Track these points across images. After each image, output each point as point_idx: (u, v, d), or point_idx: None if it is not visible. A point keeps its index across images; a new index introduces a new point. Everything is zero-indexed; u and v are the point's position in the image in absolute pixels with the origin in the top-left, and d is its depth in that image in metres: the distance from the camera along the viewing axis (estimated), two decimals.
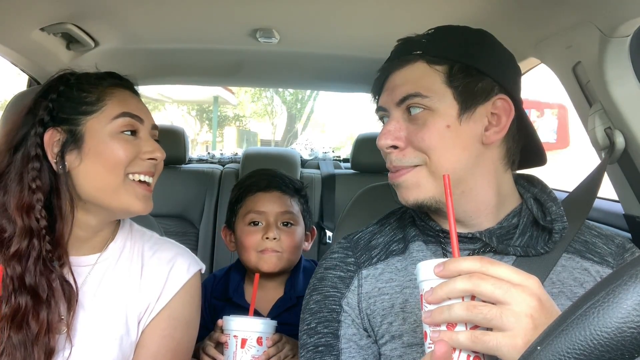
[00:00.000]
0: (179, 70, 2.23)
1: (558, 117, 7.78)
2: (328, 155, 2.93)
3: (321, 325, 0.90)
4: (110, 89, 1.01)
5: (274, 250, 1.38)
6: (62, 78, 1.02)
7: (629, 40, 1.03)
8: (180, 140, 2.38)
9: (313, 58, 1.95)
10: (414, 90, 0.84)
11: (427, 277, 0.64)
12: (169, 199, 2.32)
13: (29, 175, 0.93)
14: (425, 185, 0.85)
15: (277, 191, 1.44)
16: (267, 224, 1.40)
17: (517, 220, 0.89)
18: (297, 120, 16.65)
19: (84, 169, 0.96)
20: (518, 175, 0.96)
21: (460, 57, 0.85)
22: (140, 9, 1.48)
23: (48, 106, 0.97)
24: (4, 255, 0.91)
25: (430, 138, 0.83)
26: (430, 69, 0.85)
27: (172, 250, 1.08)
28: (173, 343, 1.03)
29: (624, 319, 0.41)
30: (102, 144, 0.96)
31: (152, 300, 1.02)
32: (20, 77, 1.99)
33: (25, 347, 0.87)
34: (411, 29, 0.94)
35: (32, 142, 0.95)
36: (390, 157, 0.87)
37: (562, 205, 0.88)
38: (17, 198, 0.92)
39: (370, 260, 0.93)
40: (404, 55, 0.89)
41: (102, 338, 0.96)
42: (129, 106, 1.00)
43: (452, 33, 0.90)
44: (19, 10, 1.32)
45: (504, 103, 0.85)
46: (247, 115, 17.34)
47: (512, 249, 0.85)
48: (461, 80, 0.84)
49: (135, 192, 0.98)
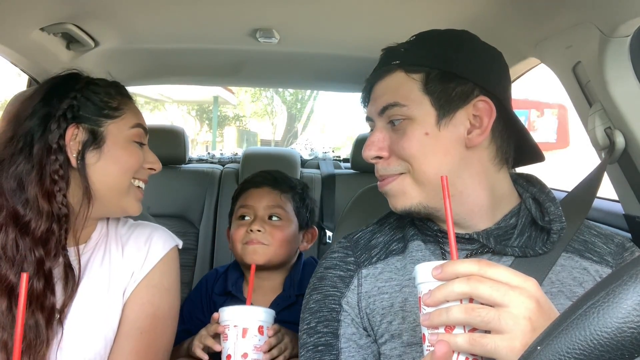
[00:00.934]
0: (179, 70, 2.23)
1: (558, 117, 7.79)
2: (328, 155, 2.93)
3: (321, 324, 0.90)
4: (126, 100, 1.11)
5: (259, 242, 1.38)
6: (78, 77, 1.08)
7: (629, 40, 1.03)
8: (180, 140, 2.38)
9: (313, 58, 1.95)
10: (392, 100, 0.87)
11: (425, 279, 0.64)
12: (169, 199, 2.32)
13: (51, 167, 0.98)
14: (410, 193, 0.87)
15: (268, 187, 1.47)
16: (254, 217, 1.42)
17: (516, 221, 0.89)
18: (297, 120, 16.65)
19: (100, 167, 1.02)
20: (517, 174, 0.96)
21: (436, 64, 0.87)
22: (140, 9, 1.48)
23: (72, 103, 1.02)
24: (31, 239, 0.96)
25: (410, 147, 0.85)
26: (408, 78, 0.87)
27: (147, 228, 1.14)
28: (152, 308, 1.06)
29: (624, 319, 0.41)
30: (120, 148, 1.04)
31: (136, 270, 1.07)
32: (20, 77, 1.99)
33: (39, 328, 0.92)
34: (411, 28, 0.94)
35: (54, 135, 0.99)
36: (376, 167, 0.91)
37: (561, 205, 0.88)
38: (40, 186, 0.97)
39: (370, 260, 0.93)
40: (384, 66, 0.91)
41: (91, 319, 1.01)
42: (141, 119, 1.11)
43: (431, 39, 0.91)
44: (19, 10, 1.32)
45: (484, 105, 0.86)
46: (247, 115, 17.34)
47: (510, 249, 0.85)
48: (438, 87, 0.85)
49: (136, 196, 1.08)
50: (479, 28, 0.93)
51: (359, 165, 2.43)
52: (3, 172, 0.98)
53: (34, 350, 0.91)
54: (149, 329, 1.05)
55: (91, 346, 0.99)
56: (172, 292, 1.12)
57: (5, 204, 0.97)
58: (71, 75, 1.09)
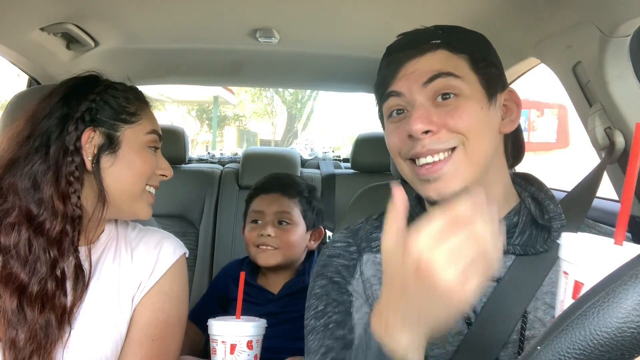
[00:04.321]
0: (179, 70, 2.23)
1: (558, 117, 7.78)
2: (328, 155, 2.93)
3: (330, 306, 0.90)
4: (144, 106, 1.11)
5: (270, 245, 1.52)
6: (97, 80, 1.08)
7: (629, 40, 1.03)
8: (180, 140, 2.38)
9: (313, 58, 1.95)
10: (445, 69, 0.83)
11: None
12: (169, 199, 2.31)
13: (67, 168, 0.98)
14: (462, 173, 0.83)
15: (277, 193, 1.59)
16: (265, 222, 1.55)
17: (517, 219, 0.89)
18: (297, 120, 16.65)
19: (114, 171, 1.03)
20: (515, 174, 0.97)
21: (478, 48, 0.87)
22: (140, 9, 1.48)
23: (91, 106, 1.02)
24: (45, 240, 0.95)
25: (470, 118, 0.82)
26: (454, 56, 0.85)
27: (157, 235, 1.15)
28: (163, 315, 1.07)
29: (624, 319, 0.41)
30: (135, 154, 1.05)
31: (144, 279, 1.07)
32: (20, 77, 1.99)
33: (51, 327, 0.93)
34: (411, 28, 0.94)
35: (72, 136, 0.99)
36: (422, 142, 0.83)
37: (561, 204, 0.88)
38: (55, 187, 0.97)
39: (370, 249, 0.94)
40: (421, 45, 0.87)
41: (99, 321, 1.00)
42: (156, 125, 1.12)
43: (461, 29, 0.92)
44: (19, 10, 1.32)
45: (514, 95, 0.88)
46: (247, 115, 17.34)
47: (512, 247, 0.85)
48: (484, 69, 0.85)
49: (148, 201, 1.10)
50: (479, 28, 0.92)
51: (359, 165, 2.43)
52: (18, 171, 0.98)
53: (43, 350, 0.91)
54: (160, 337, 1.05)
55: (98, 347, 0.98)
56: (181, 299, 1.12)
57: (18, 203, 0.96)
58: (91, 77, 1.09)
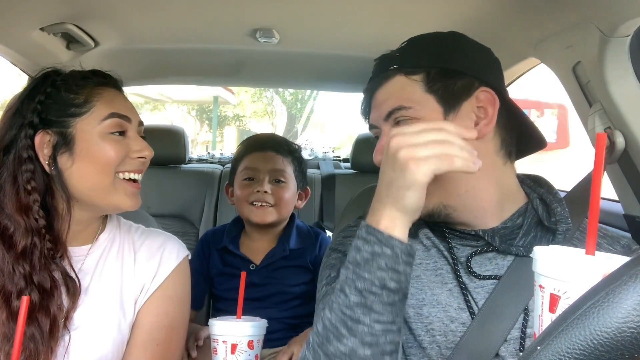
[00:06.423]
0: (179, 70, 2.23)
1: (558, 117, 7.78)
2: (328, 155, 2.93)
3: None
4: (97, 89, 1.01)
5: (266, 202, 1.54)
6: (46, 78, 1.02)
7: (629, 40, 1.03)
8: (180, 140, 2.38)
9: (313, 58, 1.95)
10: (397, 104, 0.87)
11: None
12: (168, 198, 2.32)
13: (23, 177, 0.95)
14: (430, 192, 0.83)
15: (271, 151, 1.60)
16: (259, 179, 1.56)
17: (522, 221, 0.89)
18: (297, 120, 16.64)
19: (76, 170, 0.97)
20: (524, 175, 0.97)
21: (435, 63, 0.88)
22: (140, 9, 1.48)
23: (36, 108, 0.97)
24: (13, 255, 0.93)
25: None
26: (409, 80, 0.88)
27: (160, 237, 1.13)
28: (167, 319, 1.06)
29: (624, 319, 0.41)
30: (93, 146, 0.97)
31: (147, 282, 1.05)
32: (20, 77, 1.98)
33: (37, 340, 0.90)
34: (411, 28, 0.94)
35: (24, 144, 0.96)
36: None
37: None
38: (15, 200, 0.94)
39: None
40: (382, 73, 0.92)
41: (101, 323, 0.99)
42: (117, 106, 1.01)
43: (424, 42, 0.93)
44: (19, 10, 1.32)
45: (486, 95, 0.87)
46: (247, 115, 17.32)
47: (515, 248, 0.85)
48: (440, 84, 0.86)
49: (125, 190, 1.01)
50: (479, 28, 0.93)
51: (359, 165, 2.43)
52: None
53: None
54: (164, 340, 1.05)
55: (99, 349, 0.97)
56: (184, 301, 1.11)
57: None
58: (43, 76, 1.02)
